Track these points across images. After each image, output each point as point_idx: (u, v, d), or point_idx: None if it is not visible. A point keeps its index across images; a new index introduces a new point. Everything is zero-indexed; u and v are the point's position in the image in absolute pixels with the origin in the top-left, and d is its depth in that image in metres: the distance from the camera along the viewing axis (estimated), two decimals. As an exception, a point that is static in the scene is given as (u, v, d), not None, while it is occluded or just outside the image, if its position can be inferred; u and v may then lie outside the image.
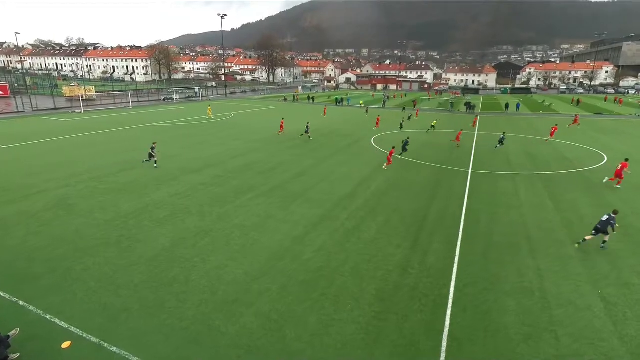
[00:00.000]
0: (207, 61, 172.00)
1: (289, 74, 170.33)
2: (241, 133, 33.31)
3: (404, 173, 20.62)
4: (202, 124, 38.60)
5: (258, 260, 10.97)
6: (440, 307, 8.93)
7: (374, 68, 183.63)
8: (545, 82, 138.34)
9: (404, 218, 14.13)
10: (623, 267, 10.60)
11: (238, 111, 52.27)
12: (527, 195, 16.84)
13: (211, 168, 20.73)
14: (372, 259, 11.06)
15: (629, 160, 19.46)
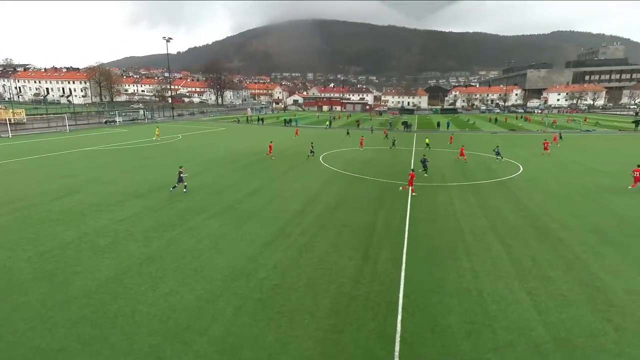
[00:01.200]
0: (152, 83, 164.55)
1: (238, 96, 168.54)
2: (190, 155, 31.99)
3: (352, 188, 21.07)
4: (148, 147, 36.48)
5: (211, 282, 10.42)
6: (391, 313, 9.12)
7: (319, 91, 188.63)
8: (468, 103, 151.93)
9: (354, 231, 14.37)
10: (542, 262, 11.73)
11: (186, 133, 50.28)
12: (460, 204, 18.07)
13: (159, 191, 19.53)
14: (326, 273, 11.05)
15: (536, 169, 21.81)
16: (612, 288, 10.07)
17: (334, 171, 25.77)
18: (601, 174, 24.67)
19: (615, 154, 32.53)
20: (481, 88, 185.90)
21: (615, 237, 13.64)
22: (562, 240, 13.44)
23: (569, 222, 15.36)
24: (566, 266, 11.43)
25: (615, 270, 11.07)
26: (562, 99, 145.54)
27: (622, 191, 20.10)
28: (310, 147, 31.97)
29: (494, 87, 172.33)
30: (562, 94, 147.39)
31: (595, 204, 17.95)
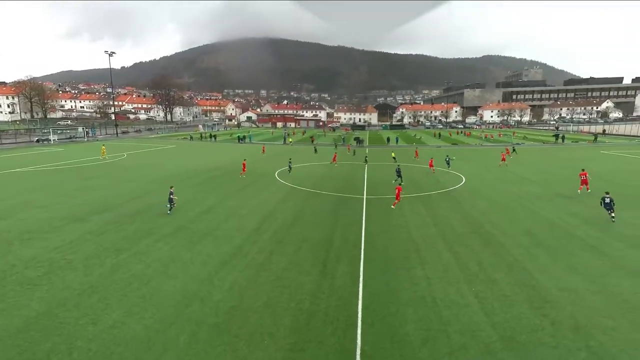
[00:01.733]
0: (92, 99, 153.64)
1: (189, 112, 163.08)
2: (136, 174, 30.09)
3: (309, 203, 21.10)
4: (89, 166, 33.73)
5: (162, 310, 9.69)
6: (351, 327, 9.11)
7: (273, 107, 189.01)
8: (414, 120, 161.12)
9: (312, 246, 14.31)
10: (486, 266, 12.53)
11: (132, 151, 47.35)
12: (412, 215, 18.83)
13: (101, 214, 18.03)
14: (285, 290, 10.82)
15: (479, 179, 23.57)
16: (545, 286, 11.00)
17: (290, 187, 25.70)
18: (531, 182, 27.24)
19: (541, 164, 36.19)
20: (425, 105, 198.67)
21: (545, 240, 15.03)
22: (503, 245, 14.51)
23: (507, 228, 16.65)
24: (507, 268, 12.31)
25: (547, 270, 12.14)
26: (494, 116, 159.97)
27: (548, 198, 22.30)
28: (289, 163, 32.14)
29: (436, 105, 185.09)
30: (494, 111, 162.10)
31: (527, 210, 19.70)
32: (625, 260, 12.77)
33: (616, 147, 52.68)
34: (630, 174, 29.19)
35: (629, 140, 63.57)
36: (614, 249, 13.89)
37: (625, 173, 30.03)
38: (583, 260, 12.85)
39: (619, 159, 39.89)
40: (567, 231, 16.03)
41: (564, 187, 25.02)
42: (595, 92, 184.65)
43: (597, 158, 40.52)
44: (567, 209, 19.65)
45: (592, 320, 9.23)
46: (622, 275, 11.64)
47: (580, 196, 22.19)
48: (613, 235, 15.39)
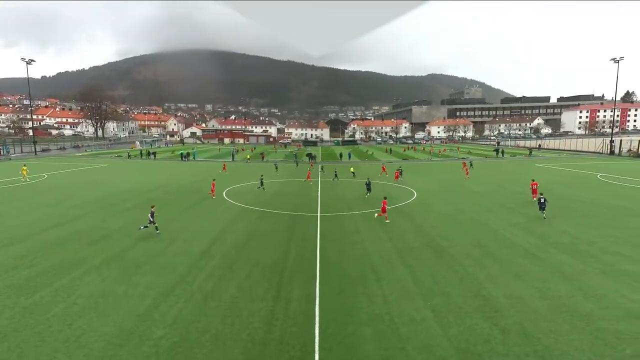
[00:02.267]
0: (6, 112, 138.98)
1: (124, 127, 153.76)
2: (58, 197, 27.46)
3: (260, 223, 20.77)
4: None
5: (89, 354, 8.75)
6: (308, 353, 8.95)
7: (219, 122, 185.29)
8: (365, 135, 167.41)
9: (264, 269, 13.99)
10: (440, 279, 13.15)
11: (54, 171, 43.26)
12: (366, 231, 19.29)
13: (12, 246, 16.07)
14: (236, 320, 10.37)
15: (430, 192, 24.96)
16: (495, 295, 11.80)
17: (240, 207, 25.22)
18: (477, 195, 29.43)
19: (485, 177, 39.38)
20: (376, 121, 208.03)
21: (493, 250, 16.22)
22: (454, 257, 15.37)
23: (458, 240, 17.71)
24: (459, 280, 13.02)
25: (495, 279, 13.05)
26: (441, 131, 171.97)
27: (492, 209, 24.21)
28: (260, 179, 32.19)
29: (386, 121, 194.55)
30: (440, 127, 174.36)
31: (475, 222, 21.18)
32: (562, 266, 14.17)
33: (548, 160, 59.16)
34: (563, 186, 32.82)
35: (558, 154, 71.76)
36: (551, 255, 15.37)
37: (558, 185, 33.70)
38: (526, 268, 14.03)
39: (551, 171, 44.76)
40: (510, 241, 17.45)
41: (506, 199, 27.36)
42: (528, 110, 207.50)
43: (533, 171, 45.05)
44: (510, 219, 21.46)
45: (538, 326, 10.03)
46: (560, 280, 12.87)
47: (520, 207, 24.38)
48: (550, 242, 17.05)
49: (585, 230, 18.88)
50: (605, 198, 26.89)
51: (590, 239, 17.31)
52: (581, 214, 22.19)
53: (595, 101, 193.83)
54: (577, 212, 22.70)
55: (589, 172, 41.83)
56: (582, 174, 41.14)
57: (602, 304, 11.10)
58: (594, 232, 18.51)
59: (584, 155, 66.59)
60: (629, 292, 11.80)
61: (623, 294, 11.67)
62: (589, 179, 36.71)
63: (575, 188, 31.53)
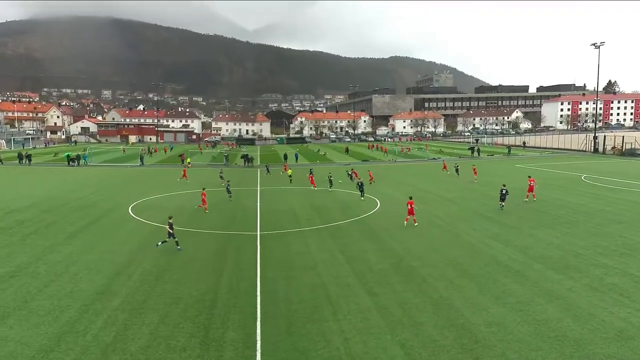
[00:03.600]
0: None
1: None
2: None
3: (182, 247, 20.09)
4: None
5: None
6: (247, 414, 8.74)
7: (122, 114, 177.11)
8: (316, 131, 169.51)
9: (186, 309, 13.50)
10: (410, 308, 13.61)
11: None
12: (319, 252, 19.43)
13: None
14: (148, 378, 9.84)
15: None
16: (474, 323, 12.46)
17: (152, 226, 24.42)
18: (449, 202, 31.05)
19: (457, 181, 41.71)
20: (328, 114, 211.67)
21: (470, 268, 17.14)
22: (425, 279, 16.00)
23: (429, 258, 18.48)
24: (433, 307, 13.57)
25: (474, 303, 13.80)
26: (407, 126, 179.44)
27: (467, 218, 25.68)
28: (227, 186, 33.36)
29: (342, 113, 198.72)
30: (407, 121, 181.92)
31: (449, 234, 22.29)
32: (548, 284, 15.38)
33: (528, 160, 64.26)
34: (546, 189, 35.71)
35: (539, 152, 78.32)
36: (536, 271, 16.62)
37: (541, 188, 36.58)
38: (508, 288, 15.02)
39: (533, 172, 48.62)
40: (490, 256, 18.58)
41: (483, 206, 29.18)
42: (505, 101, 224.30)
43: (513, 172, 48.63)
44: (488, 230, 22.89)
45: (523, 355, 10.75)
46: (546, 300, 13.95)
47: (499, 215, 26.14)
48: (534, 256, 18.44)
49: (571, 240, 20.70)
50: (590, 202, 29.76)
51: (576, 251, 19.00)
52: (566, 222, 24.30)
53: (576, 92, 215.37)
54: (561, 220, 24.82)
55: (573, 173, 46.12)
56: (566, 175, 45.22)
57: (592, 324, 12.19)
58: (581, 242, 20.35)
59: (567, 154, 73.41)
60: (617, 309, 13.11)
61: (612, 312, 12.94)
62: (573, 181, 40.43)
63: (559, 191, 34.52)
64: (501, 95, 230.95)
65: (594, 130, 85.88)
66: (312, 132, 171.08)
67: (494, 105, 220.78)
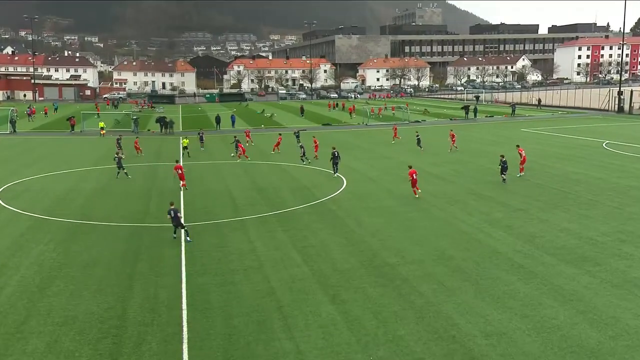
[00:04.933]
0: None
1: None
2: None
3: (71, 248, 19.76)
4: None
5: None
6: None
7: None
8: (260, 85, 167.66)
9: (84, 330, 13.21)
10: (388, 318, 13.94)
11: None
12: (265, 248, 19.43)
13: None
14: None
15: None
16: (469, 334, 12.95)
17: (32, 218, 23.82)
18: (437, 179, 31.81)
19: (446, 151, 42.66)
20: (276, 61, 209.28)
21: (463, 264, 17.71)
22: (407, 280, 16.40)
23: (411, 252, 18.91)
24: (416, 316, 13.96)
25: (470, 309, 14.32)
26: (382, 78, 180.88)
27: (461, 200, 26.45)
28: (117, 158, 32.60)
29: (293, 60, 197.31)
30: (381, 71, 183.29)
31: (437, 221, 22.88)
32: (560, 281, 16.17)
33: (537, 122, 66.61)
34: (559, 160, 37.27)
35: (551, 112, 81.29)
36: (546, 266, 17.42)
37: (553, 159, 38.19)
38: (511, 288, 15.67)
39: (543, 138, 50.57)
40: (489, 247, 19.27)
41: (481, 183, 30.13)
42: (508, 45, 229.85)
43: (517, 139, 50.20)
44: (486, 214, 23.69)
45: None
46: (557, 302, 14.68)
47: (501, 194, 27.07)
48: (543, 246, 19.29)
49: (589, 224, 21.83)
50: (613, 177, 31.40)
51: (595, 238, 20.06)
52: (583, 202, 25.53)
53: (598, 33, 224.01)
54: (578, 200, 26.05)
55: (592, 139, 48.35)
56: (583, 142, 47.31)
57: (613, 330, 12.97)
58: (601, 227, 21.50)
59: (585, 114, 76.62)
60: (644, 310, 14.01)
61: (638, 314, 13.82)
62: (592, 150, 42.42)
63: (575, 163, 36.15)
64: (503, 37, 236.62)
65: (618, 83, 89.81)
66: (255, 86, 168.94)
67: (494, 51, 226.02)
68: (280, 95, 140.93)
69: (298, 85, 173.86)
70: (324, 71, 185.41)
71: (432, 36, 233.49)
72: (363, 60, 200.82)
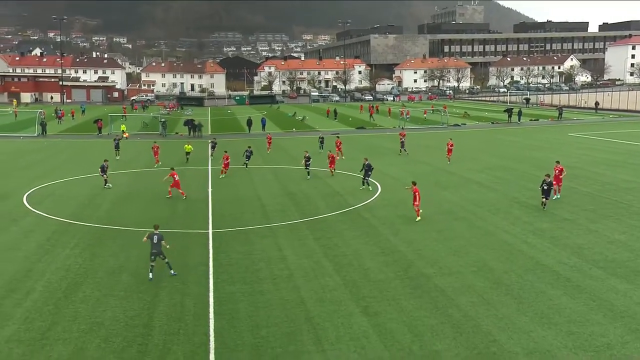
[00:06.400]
0: None
1: None
2: None
3: (97, 253, 20.10)
4: None
5: None
6: None
7: (10, 62, 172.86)
8: (292, 87, 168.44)
9: (109, 338, 13.47)
10: (424, 332, 13.82)
11: None
12: (296, 257, 19.49)
13: None
14: None
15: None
16: (510, 351, 12.75)
17: (58, 222, 24.33)
18: (478, 185, 31.41)
19: (490, 157, 42.15)
20: (308, 62, 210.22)
21: (505, 277, 17.44)
22: (444, 292, 16.24)
23: (449, 263, 18.72)
24: (454, 331, 13.81)
25: (511, 324, 14.10)
26: (419, 79, 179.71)
27: (503, 208, 26.05)
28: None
29: (327, 61, 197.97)
30: (418, 72, 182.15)
31: (477, 230, 22.60)
32: (611, 296, 15.78)
33: (585, 126, 65.20)
34: (609, 168, 36.39)
35: (602, 116, 79.49)
36: (594, 280, 17.03)
37: (602, 166, 37.33)
38: (557, 302, 15.36)
39: (591, 144, 49.47)
40: (533, 259, 18.93)
41: (524, 190, 29.60)
42: (555, 44, 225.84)
43: (564, 144, 49.29)
44: (532, 224, 23.29)
45: (576, 394, 11.09)
46: (607, 319, 14.33)
47: (549, 203, 26.61)
48: (592, 259, 18.87)
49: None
50: (669, 185, 30.47)
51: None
52: (635, 212, 24.93)
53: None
54: (630, 209, 25.43)
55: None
56: (637, 147, 46.12)
57: (668, 351, 12.62)
58: (655, 239, 20.91)
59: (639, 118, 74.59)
60: None
61: (696, 333, 13.39)
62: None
63: (626, 170, 35.31)
64: (550, 35, 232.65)
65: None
66: (286, 87, 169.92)
67: (539, 50, 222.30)
68: (313, 97, 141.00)
69: (331, 86, 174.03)
70: (358, 72, 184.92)
71: (473, 35, 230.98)
72: (400, 61, 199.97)
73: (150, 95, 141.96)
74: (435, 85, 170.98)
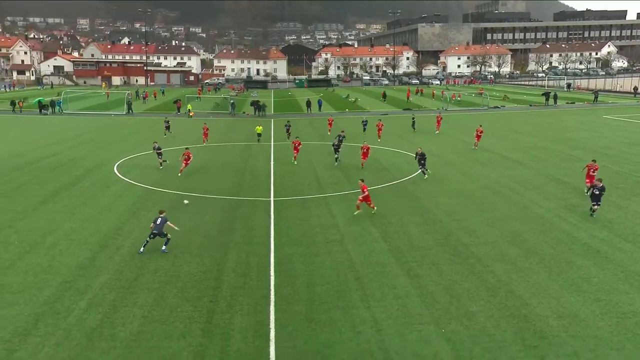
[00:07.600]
0: None
1: None
2: None
3: (176, 216, 20.53)
4: None
5: None
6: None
7: (103, 50, 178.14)
8: (346, 72, 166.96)
9: (185, 289, 13.96)
10: (460, 294, 13.71)
11: None
12: (347, 224, 19.58)
13: None
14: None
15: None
16: (540, 314, 12.49)
17: (142, 189, 25.06)
18: (515, 164, 30.51)
19: (527, 136, 40.77)
20: (361, 49, 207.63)
21: (537, 247, 17.00)
22: (480, 259, 16.00)
23: (485, 233, 18.41)
24: (488, 294, 13.63)
25: (542, 290, 13.78)
26: (462, 65, 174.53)
27: (538, 185, 25.26)
28: (157, 148, 29.50)
29: (378, 48, 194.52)
30: (462, 58, 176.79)
31: (512, 205, 22.04)
32: (638, 268, 15.16)
33: (621, 110, 61.97)
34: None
35: (637, 99, 75.25)
36: (623, 252, 16.38)
37: (637, 147, 35.54)
38: (585, 272, 14.90)
39: (625, 127, 47.04)
40: (565, 232, 18.36)
41: (559, 169, 28.59)
42: (594, 31, 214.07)
43: (598, 126, 47.11)
44: (564, 200, 22.53)
45: (600, 355, 10.75)
46: (634, 289, 13.80)
47: (580, 181, 25.57)
48: (621, 233, 18.15)
49: (672, 213, 20.21)
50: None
51: (677, 227, 18.57)
52: (666, 190, 23.67)
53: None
54: (660, 188, 24.17)
55: (679, 127, 44.37)
56: (670, 129, 43.55)
57: (692, 320, 12.06)
58: (684, 216, 19.85)
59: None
60: None
61: None
62: (679, 138, 38.94)
63: (658, 151, 33.42)
64: (589, 23, 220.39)
65: None
66: (340, 72, 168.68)
67: (578, 37, 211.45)
68: (364, 81, 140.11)
69: (381, 72, 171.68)
70: (406, 58, 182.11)
71: (514, 23, 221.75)
72: (445, 48, 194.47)
73: (221, 79, 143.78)
74: (477, 70, 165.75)
